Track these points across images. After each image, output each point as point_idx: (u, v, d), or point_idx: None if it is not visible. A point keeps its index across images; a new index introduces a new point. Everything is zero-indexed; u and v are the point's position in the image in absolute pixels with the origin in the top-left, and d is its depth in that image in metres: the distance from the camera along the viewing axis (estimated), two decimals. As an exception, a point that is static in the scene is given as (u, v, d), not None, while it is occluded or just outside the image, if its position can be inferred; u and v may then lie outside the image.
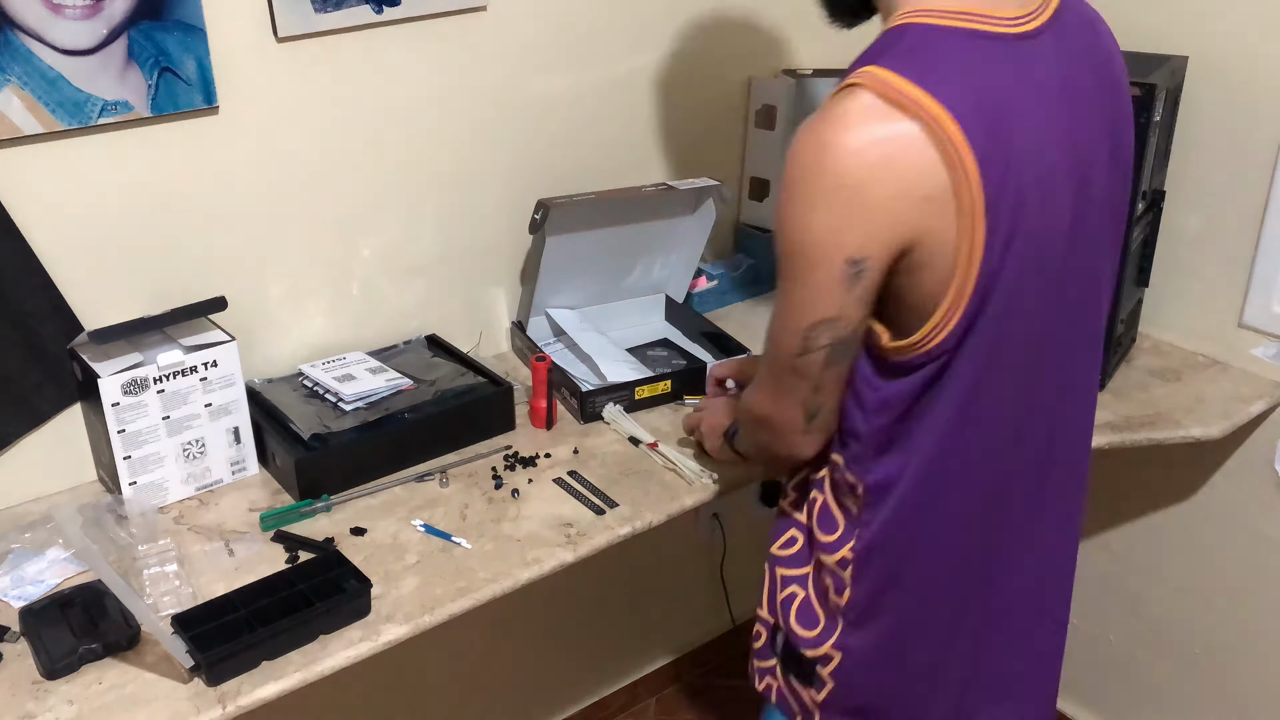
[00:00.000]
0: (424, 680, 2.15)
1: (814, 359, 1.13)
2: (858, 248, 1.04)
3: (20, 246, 1.49)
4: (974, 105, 1.02)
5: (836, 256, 1.05)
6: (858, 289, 1.06)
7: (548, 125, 1.94)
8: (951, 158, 1.01)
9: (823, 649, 1.29)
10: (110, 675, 1.29)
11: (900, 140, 1.01)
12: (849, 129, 1.02)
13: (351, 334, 1.85)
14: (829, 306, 1.08)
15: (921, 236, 1.04)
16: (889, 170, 1.01)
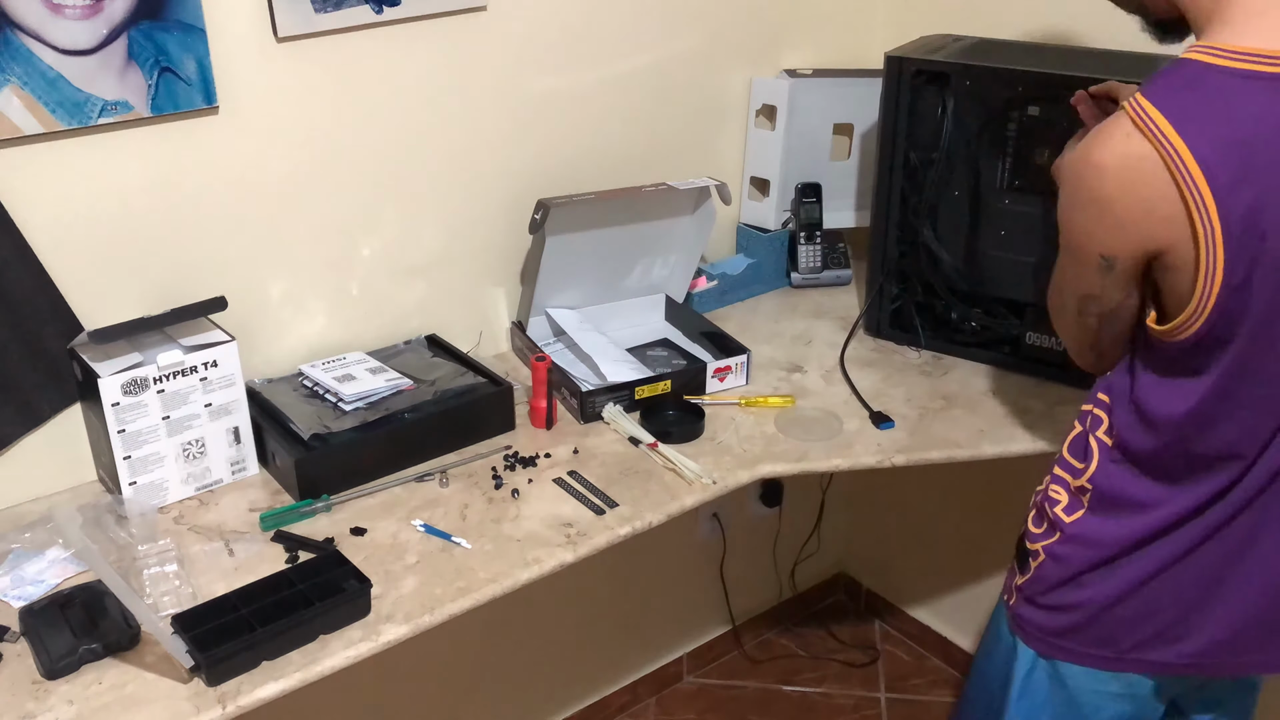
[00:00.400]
0: (424, 680, 2.15)
1: (1088, 322, 1.32)
2: (1107, 248, 1.22)
3: (20, 246, 1.49)
4: (1221, 141, 1.13)
5: (1091, 251, 1.23)
6: (1111, 277, 1.24)
7: (548, 125, 1.94)
8: (1184, 186, 1.13)
9: (1036, 545, 1.43)
10: (110, 675, 1.29)
11: (1143, 165, 1.15)
12: (1103, 148, 1.19)
13: (351, 334, 1.85)
14: (1091, 286, 1.27)
15: (1167, 247, 1.18)
16: (1133, 190, 1.17)
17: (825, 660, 2.70)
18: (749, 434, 1.76)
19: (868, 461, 1.70)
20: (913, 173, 1.91)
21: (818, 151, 2.26)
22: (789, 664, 2.69)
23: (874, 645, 2.74)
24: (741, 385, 1.89)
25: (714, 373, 1.87)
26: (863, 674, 2.66)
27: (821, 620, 2.81)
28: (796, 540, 2.67)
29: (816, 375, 1.93)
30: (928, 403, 1.83)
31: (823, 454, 1.71)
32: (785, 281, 2.28)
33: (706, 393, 1.86)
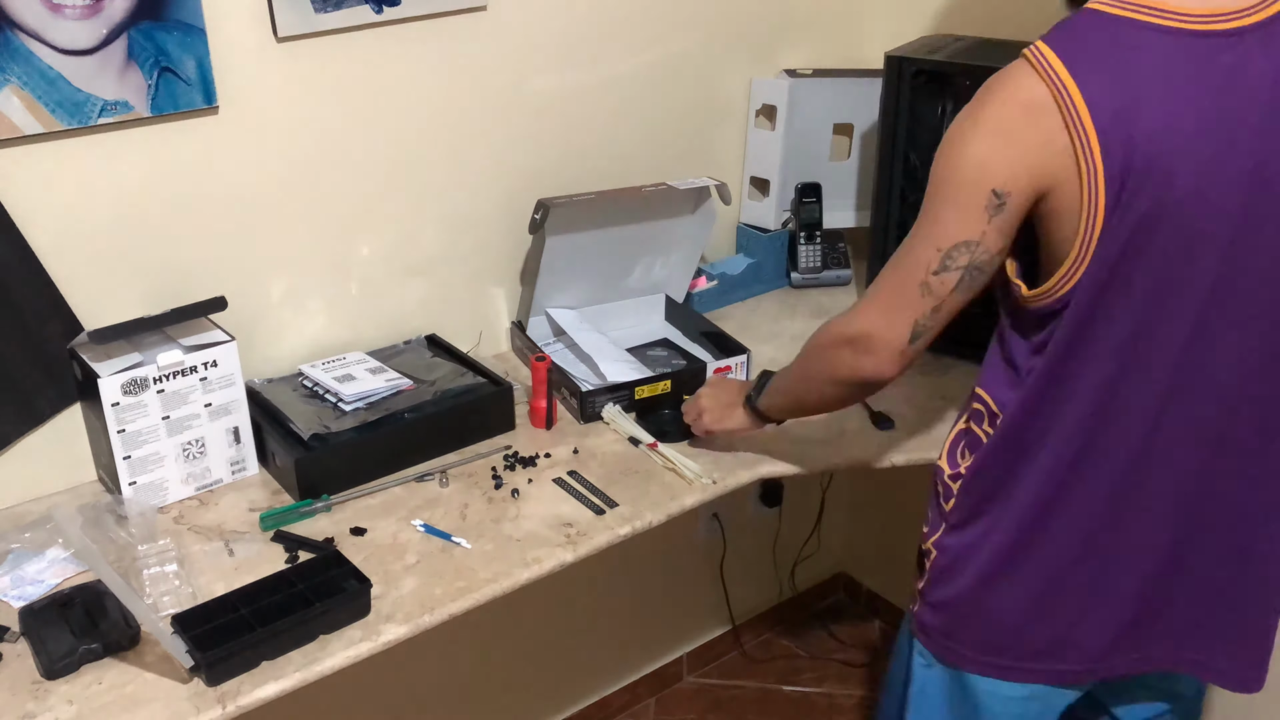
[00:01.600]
0: (424, 680, 2.15)
1: (948, 278, 1.27)
2: (1002, 182, 1.20)
3: (20, 246, 1.49)
4: (1110, 86, 1.16)
5: (984, 187, 1.21)
6: (999, 219, 1.22)
7: (548, 125, 1.94)
8: (1072, 126, 1.16)
9: (928, 544, 1.45)
10: (110, 675, 1.29)
11: (1042, 104, 1.18)
12: (1008, 85, 1.21)
13: (351, 334, 1.85)
14: (971, 230, 1.23)
15: (1054, 186, 1.19)
16: (1035, 123, 1.18)
17: (825, 660, 2.70)
18: (749, 434, 1.75)
19: (868, 462, 1.70)
20: (913, 172, 1.91)
21: (818, 151, 2.26)
22: (789, 664, 2.69)
23: (874, 645, 2.74)
24: (741, 385, 1.89)
25: (714, 373, 1.86)
26: (863, 674, 2.66)
27: (821, 620, 2.81)
28: (796, 540, 2.67)
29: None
30: (928, 403, 1.83)
31: (823, 454, 1.71)
32: (785, 281, 2.28)
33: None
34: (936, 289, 1.28)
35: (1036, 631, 1.39)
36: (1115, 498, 1.33)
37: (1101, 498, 1.33)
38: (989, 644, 1.41)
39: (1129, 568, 1.36)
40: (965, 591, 1.41)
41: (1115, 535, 1.34)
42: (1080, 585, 1.37)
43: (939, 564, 1.43)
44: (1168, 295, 1.23)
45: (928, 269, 1.27)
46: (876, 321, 1.34)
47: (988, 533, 1.37)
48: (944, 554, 1.42)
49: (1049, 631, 1.39)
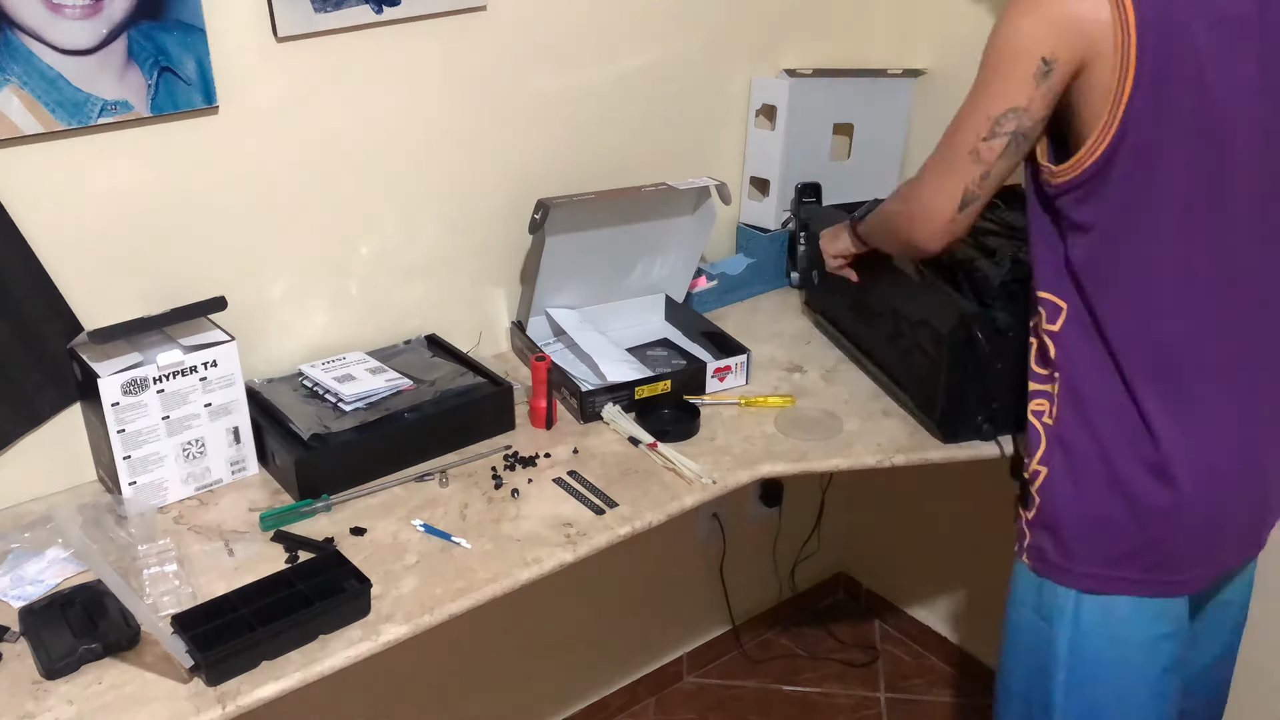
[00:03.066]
0: (424, 680, 2.15)
1: (996, 144, 1.36)
2: (1051, 49, 1.29)
3: (20, 246, 1.49)
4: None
5: (1034, 55, 1.30)
6: (1044, 86, 1.31)
7: (548, 125, 1.94)
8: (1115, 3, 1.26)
9: (1033, 465, 1.47)
10: (110, 675, 1.29)
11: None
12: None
13: (351, 334, 1.85)
14: (1017, 98, 1.33)
15: (1093, 59, 1.28)
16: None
17: (825, 660, 2.70)
18: (749, 434, 1.76)
19: (868, 461, 1.70)
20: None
21: (818, 151, 2.26)
22: (789, 664, 2.69)
23: (874, 645, 2.74)
24: (741, 385, 1.89)
25: (714, 373, 1.87)
26: (863, 674, 2.66)
27: (821, 620, 2.81)
28: (796, 540, 2.67)
29: (816, 375, 1.93)
30: (928, 403, 1.83)
31: (823, 454, 1.71)
32: (785, 281, 2.28)
33: (706, 393, 1.86)
34: (985, 155, 1.37)
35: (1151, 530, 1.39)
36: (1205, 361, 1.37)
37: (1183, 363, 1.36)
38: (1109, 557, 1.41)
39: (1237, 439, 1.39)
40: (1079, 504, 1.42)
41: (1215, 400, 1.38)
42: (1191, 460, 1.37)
43: (1050, 482, 1.44)
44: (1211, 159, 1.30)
45: (977, 135, 1.37)
46: (927, 190, 1.46)
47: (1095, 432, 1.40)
48: (1053, 466, 1.44)
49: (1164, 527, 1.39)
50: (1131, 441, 1.38)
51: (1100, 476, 1.39)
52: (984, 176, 1.40)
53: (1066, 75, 1.30)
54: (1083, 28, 1.27)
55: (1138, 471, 1.38)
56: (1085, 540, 1.42)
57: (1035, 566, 1.47)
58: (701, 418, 1.77)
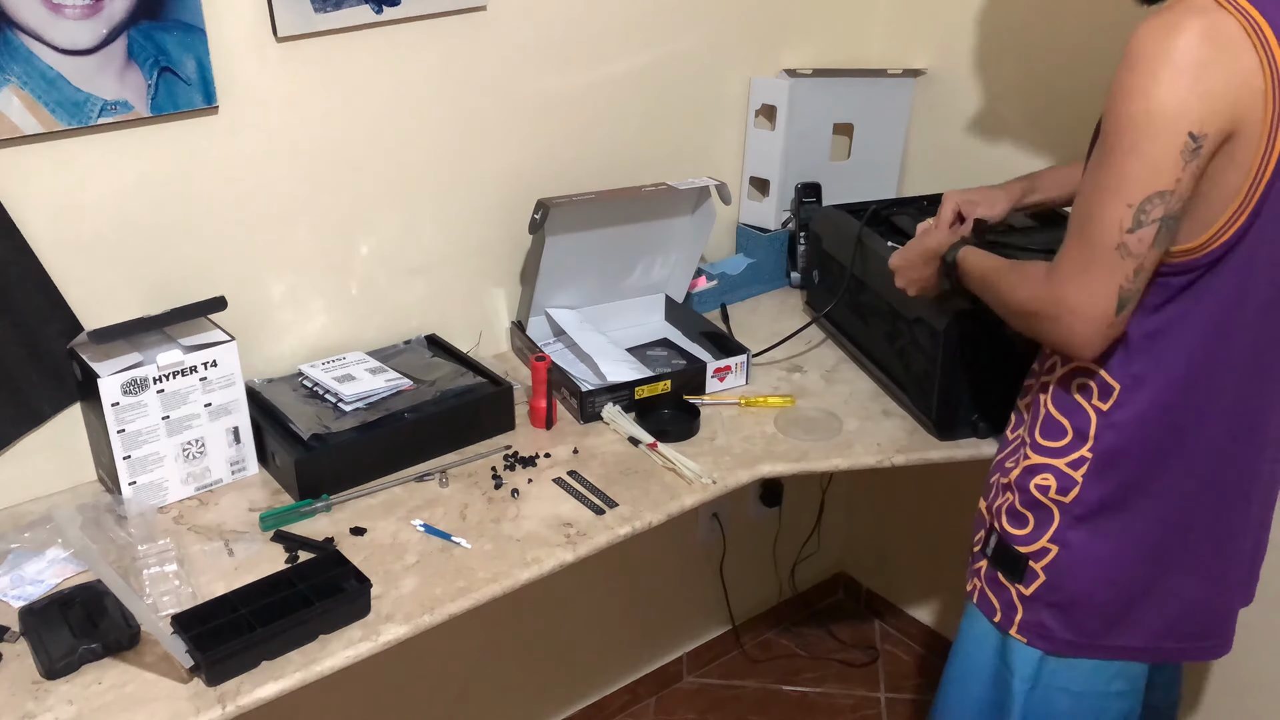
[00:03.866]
0: (423, 680, 2.15)
1: (1145, 234, 1.18)
2: (1199, 123, 1.13)
3: (20, 246, 1.49)
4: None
5: (1181, 127, 1.13)
6: (1194, 164, 1.15)
7: (548, 125, 1.94)
8: (1265, 60, 1.12)
9: (1038, 544, 1.37)
10: (110, 675, 1.29)
11: (1231, 33, 1.12)
12: (1195, 15, 1.13)
13: (351, 334, 1.85)
14: (1167, 178, 1.15)
15: (1243, 124, 1.14)
16: (1226, 54, 1.12)
17: (825, 660, 2.70)
18: (749, 434, 1.76)
19: (868, 461, 1.70)
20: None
21: (817, 151, 2.26)
22: (789, 664, 2.69)
23: (874, 645, 2.74)
24: (741, 385, 1.89)
25: (714, 373, 1.87)
26: (863, 674, 2.66)
27: (821, 620, 2.81)
28: (796, 540, 2.67)
29: (816, 375, 1.93)
30: (928, 403, 1.83)
31: (823, 454, 1.71)
32: (785, 281, 2.28)
33: (706, 393, 1.86)
34: (1134, 248, 1.19)
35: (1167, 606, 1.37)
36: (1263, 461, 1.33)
37: (1251, 474, 1.32)
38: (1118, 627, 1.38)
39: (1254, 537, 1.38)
40: (1097, 580, 1.36)
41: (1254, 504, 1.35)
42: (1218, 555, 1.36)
43: (1063, 561, 1.36)
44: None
45: (1121, 228, 1.18)
46: (1076, 294, 1.24)
47: (1135, 515, 1.34)
48: (1070, 548, 1.36)
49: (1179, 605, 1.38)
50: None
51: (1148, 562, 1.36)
52: (1138, 272, 1.21)
53: (1214, 149, 1.15)
54: (1234, 94, 1.13)
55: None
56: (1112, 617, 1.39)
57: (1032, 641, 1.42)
58: (701, 418, 1.77)
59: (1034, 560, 1.39)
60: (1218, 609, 1.41)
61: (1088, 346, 1.26)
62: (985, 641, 1.47)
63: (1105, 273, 1.21)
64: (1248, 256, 1.21)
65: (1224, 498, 1.34)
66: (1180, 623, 1.40)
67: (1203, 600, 1.39)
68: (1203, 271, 1.22)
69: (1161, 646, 1.41)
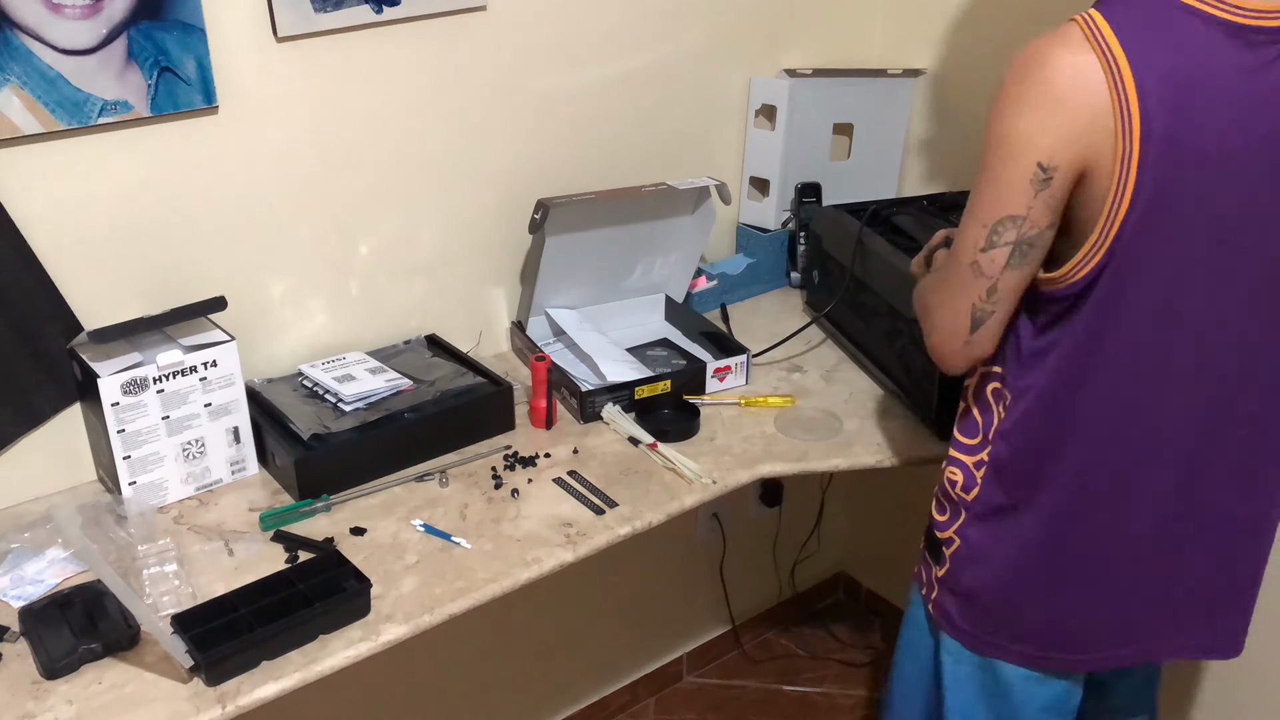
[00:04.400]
0: (423, 680, 2.15)
1: (997, 256, 1.23)
2: (1049, 155, 1.17)
3: (20, 246, 1.49)
4: (1157, 66, 1.14)
5: (1030, 159, 1.17)
6: (1044, 194, 1.18)
7: (548, 125, 1.94)
8: (1119, 103, 1.14)
9: (947, 533, 1.44)
10: (110, 675, 1.29)
11: (1090, 70, 1.15)
12: (1058, 50, 1.17)
13: (351, 334, 1.85)
14: (1018, 204, 1.19)
15: (1095, 162, 1.16)
16: (1082, 92, 1.15)
17: (825, 660, 2.70)
18: (749, 434, 1.76)
19: (868, 461, 1.70)
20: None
21: (817, 151, 2.26)
22: (789, 664, 2.69)
23: (874, 645, 2.74)
24: (741, 385, 1.89)
25: (714, 373, 1.87)
26: (863, 674, 2.66)
27: (821, 620, 2.81)
28: (796, 540, 2.67)
29: (816, 375, 1.93)
30: (928, 403, 1.83)
31: (823, 454, 1.71)
32: (785, 281, 2.28)
33: (706, 393, 1.86)
34: (987, 268, 1.24)
35: (1059, 619, 1.40)
36: (1141, 480, 1.33)
37: (1127, 480, 1.33)
38: (1022, 633, 1.41)
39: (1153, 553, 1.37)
40: (996, 581, 1.40)
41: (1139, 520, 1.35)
42: (1105, 569, 1.37)
43: (962, 553, 1.42)
44: (1184, 275, 1.22)
45: (975, 246, 1.24)
46: (937, 309, 1.32)
47: (1022, 521, 1.37)
48: (968, 543, 1.41)
49: (1071, 618, 1.40)
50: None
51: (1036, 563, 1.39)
52: (990, 292, 1.25)
53: (1069, 181, 1.18)
54: (1084, 130, 1.15)
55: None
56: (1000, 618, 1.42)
57: (939, 624, 1.47)
58: (701, 418, 1.77)
59: (945, 547, 1.45)
60: (1112, 623, 1.41)
61: (946, 361, 1.34)
62: (918, 609, 1.54)
63: (960, 290, 1.27)
64: (1116, 289, 1.22)
65: (1115, 518, 1.35)
66: (1072, 633, 1.41)
67: (1096, 614, 1.40)
68: (1075, 300, 1.24)
69: (1050, 656, 1.42)
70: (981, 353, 1.31)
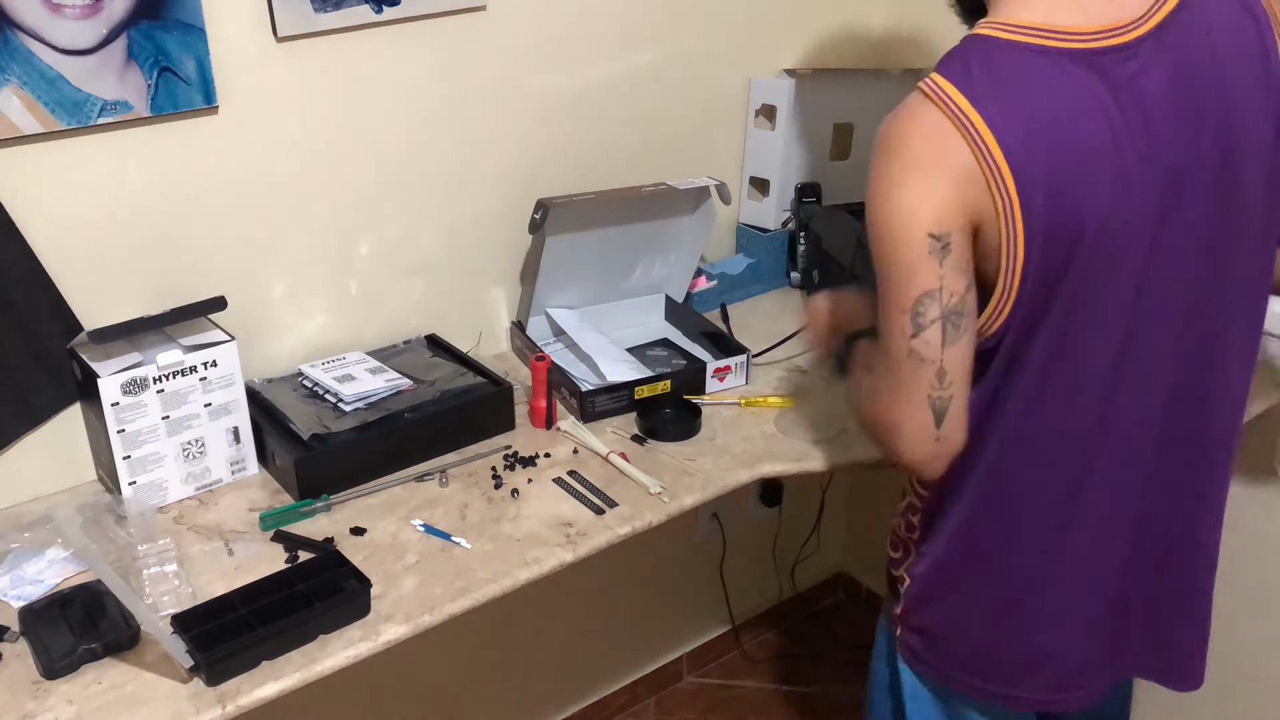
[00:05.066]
0: (424, 680, 2.15)
1: (930, 336, 1.16)
2: (935, 223, 1.13)
3: (20, 246, 1.49)
4: (1012, 112, 1.12)
5: (919, 233, 1.13)
6: (949, 260, 1.14)
7: (548, 125, 1.94)
8: (982, 157, 1.11)
9: (900, 571, 1.46)
10: (110, 675, 1.29)
11: (945, 133, 1.12)
12: (906, 122, 1.15)
13: (351, 334, 1.85)
14: (929, 279, 1.14)
15: (980, 218, 1.13)
16: (943, 156, 1.12)
17: (825, 660, 2.70)
18: (749, 434, 1.76)
19: (868, 461, 1.70)
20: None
21: (817, 151, 2.26)
22: (789, 664, 2.69)
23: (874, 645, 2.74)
24: (741, 385, 1.89)
25: (714, 373, 1.87)
26: (863, 674, 2.65)
27: (821, 620, 2.81)
28: (796, 540, 2.67)
29: (816, 375, 1.93)
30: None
31: (823, 454, 1.71)
32: (785, 281, 2.28)
33: (706, 393, 1.86)
34: (925, 352, 1.17)
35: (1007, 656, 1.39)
36: (1053, 525, 1.31)
37: (1039, 526, 1.31)
38: (968, 666, 1.41)
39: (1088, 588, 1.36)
40: (940, 618, 1.41)
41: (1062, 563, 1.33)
42: (1037, 614, 1.36)
43: (913, 591, 1.43)
44: (1090, 316, 1.19)
45: (905, 336, 1.17)
46: (889, 412, 1.23)
47: (944, 563, 1.38)
48: (915, 583, 1.43)
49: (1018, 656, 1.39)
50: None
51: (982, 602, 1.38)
52: (941, 376, 1.18)
53: (967, 241, 1.14)
54: (959, 188, 1.11)
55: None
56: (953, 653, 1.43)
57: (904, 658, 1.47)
58: (701, 417, 1.77)
59: (899, 585, 1.46)
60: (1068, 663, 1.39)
61: (924, 468, 1.24)
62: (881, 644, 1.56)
63: (908, 385, 1.19)
64: (1028, 334, 1.19)
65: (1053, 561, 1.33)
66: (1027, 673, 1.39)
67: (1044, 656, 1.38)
68: (996, 350, 1.22)
69: (1007, 694, 1.40)
70: (955, 446, 1.23)
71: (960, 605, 1.39)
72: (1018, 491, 1.30)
